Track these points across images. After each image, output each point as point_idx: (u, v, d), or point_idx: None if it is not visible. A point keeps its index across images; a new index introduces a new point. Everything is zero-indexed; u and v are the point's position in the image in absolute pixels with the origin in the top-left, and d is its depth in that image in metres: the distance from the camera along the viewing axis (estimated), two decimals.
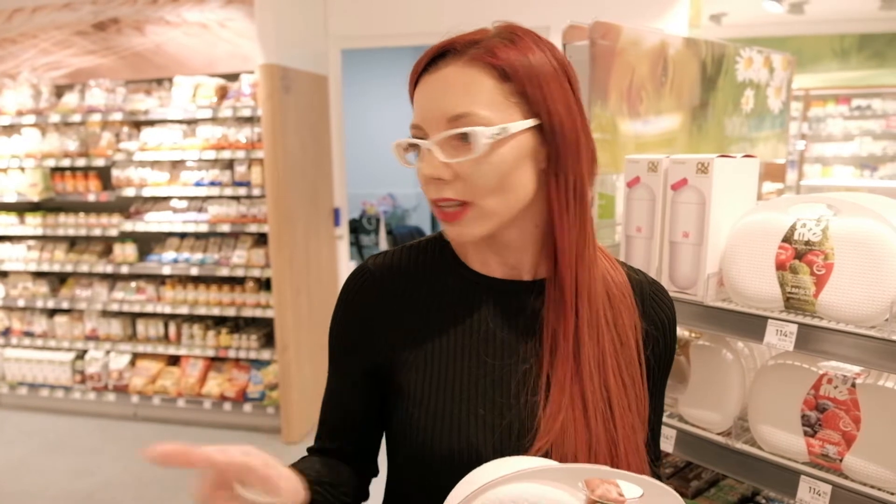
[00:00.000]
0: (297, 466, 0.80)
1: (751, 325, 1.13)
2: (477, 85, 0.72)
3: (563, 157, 0.74)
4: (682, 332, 1.35)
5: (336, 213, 4.15)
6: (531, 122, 0.73)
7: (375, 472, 0.94)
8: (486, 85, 0.72)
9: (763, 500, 1.38)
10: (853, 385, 1.05)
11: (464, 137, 0.72)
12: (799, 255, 1.06)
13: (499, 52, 0.72)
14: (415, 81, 0.77)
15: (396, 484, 0.88)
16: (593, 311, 0.78)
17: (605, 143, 1.60)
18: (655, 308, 0.87)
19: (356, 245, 7.63)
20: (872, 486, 1.03)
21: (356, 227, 7.62)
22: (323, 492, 0.80)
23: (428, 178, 0.75)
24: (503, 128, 0.71)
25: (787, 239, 1.08)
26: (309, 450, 0.93)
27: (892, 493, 1.01)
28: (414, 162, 0.78)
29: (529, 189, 0.76)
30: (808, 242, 1.05)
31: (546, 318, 0.80)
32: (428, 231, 8.17)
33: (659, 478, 0.96)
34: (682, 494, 1.40)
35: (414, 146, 0.77)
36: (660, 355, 0.87)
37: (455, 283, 0.85)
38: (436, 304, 0.84)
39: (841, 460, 1.06)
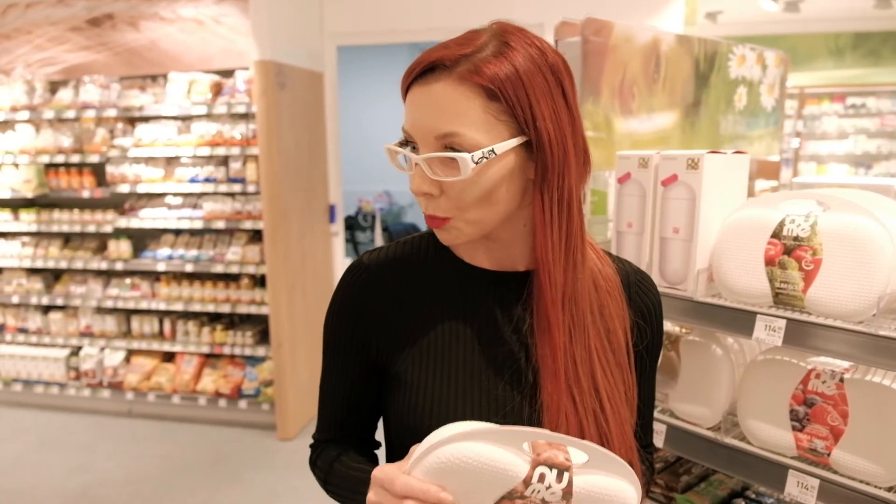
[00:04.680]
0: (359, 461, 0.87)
1: (740, 321, 1.13)
2: (465, 105, 0.72)
3: (551, 173, 0.75)
4: (672, 327, 1.35)
5: (331, 210, 4.15)
6: (518, 141, 0.74)
7: (378, 446, 0.97)
8: (474, 105, 0.72)
9: (752, 495, 1.39)
10: (841, 380, 1.05)
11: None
12: (788, 250, 1.07)
13: (486, 69, 0.71)
14: (405, 88, 0.78)
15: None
16: (579, 309, 0.79)
17: (598, 140, 1.61)
18: (640, 295, 0.89)
19: (352, 242, 7.63)
20: (860, 481, 1.04)
21: (352, 224, 7.61)
22: None
23: (417, 193, 0.77)
24: (490, 150, 0.72)
25: (777, 235, 1.09)
26: (315, 444, 0.94)
27: (879, 487, 1.01)
28: (404, 164, 0.80)
29: (515, 201, 0.78)
30: (796, 238, 1.06)
31: (535, 312, 0.80)
32: (423, 228, 8.16)
33: (651, 465, 0.97)
34: (672, 489, 1.40)
35: (404, 146, 0.78)
36: (648, 342, 0.89)
37: (449, 274, 0.86)
38: (431, 296, 0.85)
39: (829, 455, 1.07)
